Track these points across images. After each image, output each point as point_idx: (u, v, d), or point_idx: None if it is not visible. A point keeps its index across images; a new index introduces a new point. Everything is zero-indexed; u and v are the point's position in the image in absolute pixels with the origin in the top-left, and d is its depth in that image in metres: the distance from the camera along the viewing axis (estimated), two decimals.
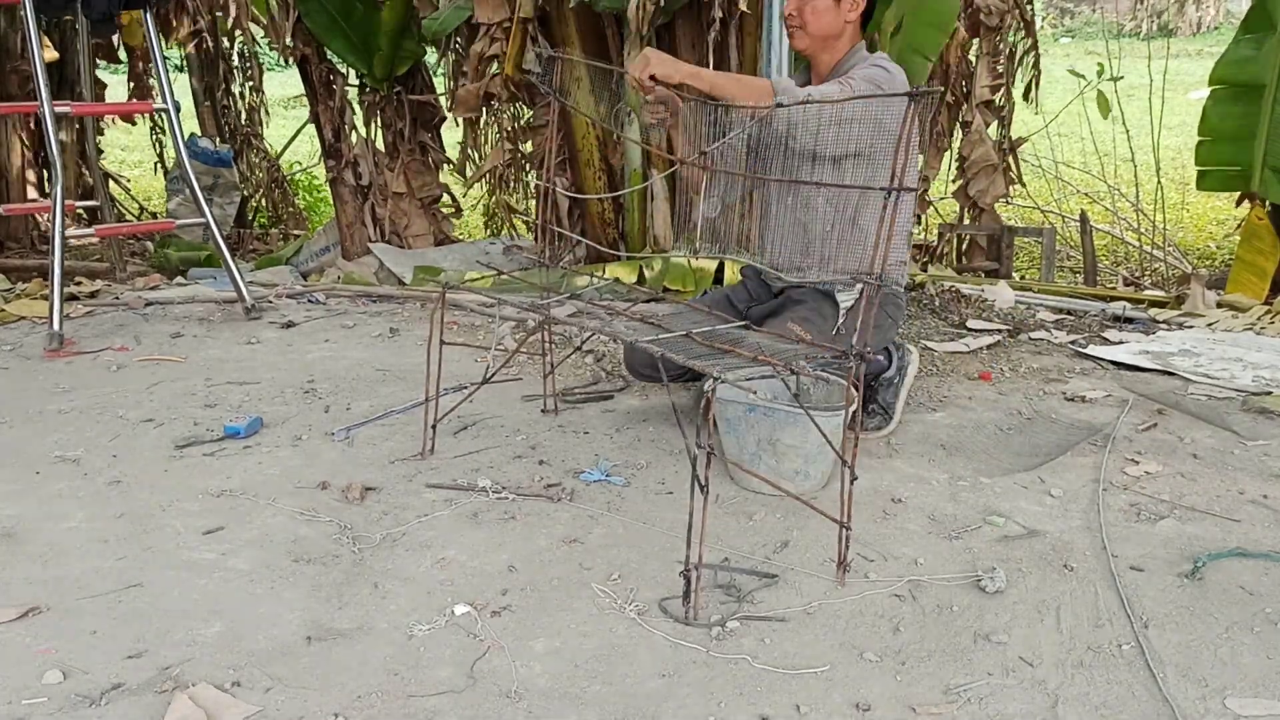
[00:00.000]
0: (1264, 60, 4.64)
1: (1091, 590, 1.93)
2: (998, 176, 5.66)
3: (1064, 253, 7.28)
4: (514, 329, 3.80)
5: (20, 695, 1.60)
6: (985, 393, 3.11)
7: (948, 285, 4.40)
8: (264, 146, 8.55)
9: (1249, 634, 1.78)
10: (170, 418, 2.87)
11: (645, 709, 1.57)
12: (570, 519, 2.22)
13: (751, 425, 2.34)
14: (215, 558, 2.05)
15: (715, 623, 1.80)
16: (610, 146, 4.91)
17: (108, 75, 8.43)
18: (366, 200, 5.86)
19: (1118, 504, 2.32)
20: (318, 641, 1.75)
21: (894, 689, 1.63)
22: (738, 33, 4.47)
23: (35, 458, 2.59)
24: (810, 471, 2.35)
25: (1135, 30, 17.28)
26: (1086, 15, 23.33)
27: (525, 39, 4.60)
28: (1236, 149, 4.80)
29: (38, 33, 3.77)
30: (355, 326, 3.95)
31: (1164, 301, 4.34)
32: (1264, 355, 3.47)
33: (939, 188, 6.99)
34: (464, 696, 1.60)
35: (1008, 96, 5.67)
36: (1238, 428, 2.79)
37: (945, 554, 2.08)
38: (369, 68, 5.61)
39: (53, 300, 3.61)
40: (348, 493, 2.34)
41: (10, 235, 6.66)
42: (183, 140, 4.32)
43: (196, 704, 1.55)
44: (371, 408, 2.95)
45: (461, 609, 1.85)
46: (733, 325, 2.37)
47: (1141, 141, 8.31)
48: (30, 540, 2.13)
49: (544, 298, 2.60)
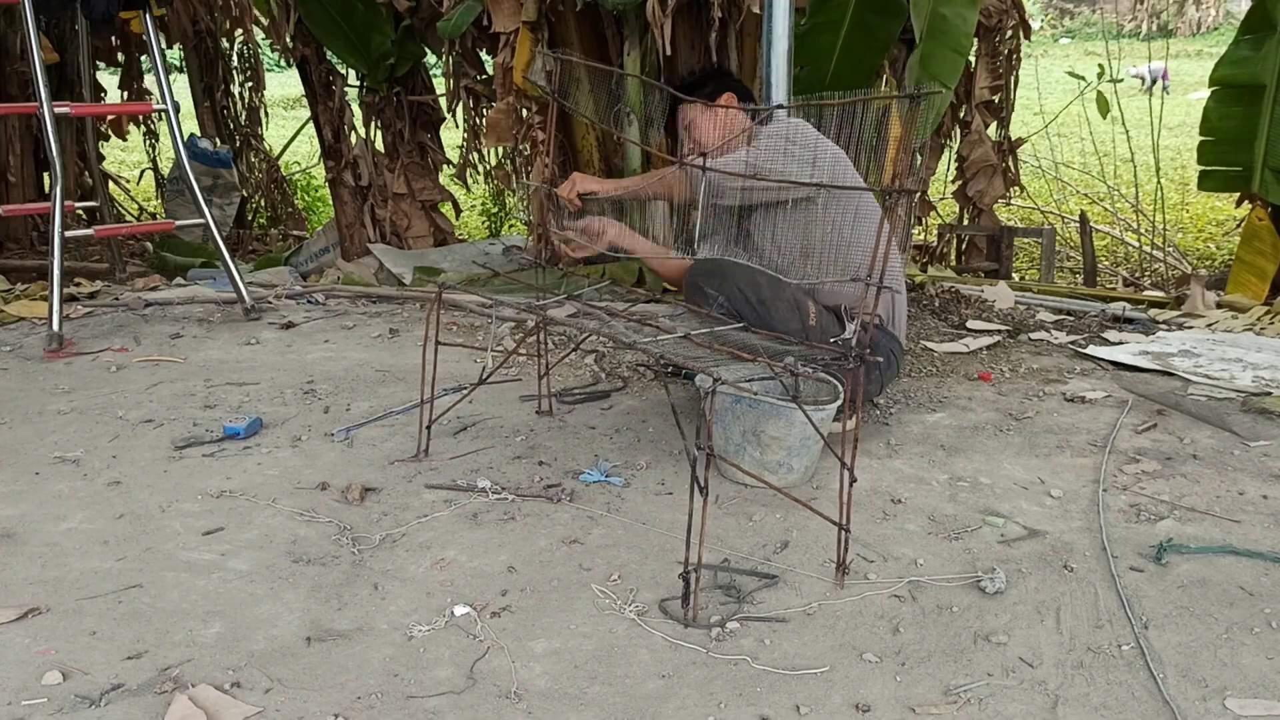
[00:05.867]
0: (1264, 60, 4.64)
1: (1091, 591, 1.93)
2: (997, 177, 5.66)
3: (1064, 253, 7.29)
4: (513, 329, 3.80)
5: (20, 696, 1.59)
6: (985, 393, 3.11)
7: (947, 286, 4.40)
8: (264, 147, 8.55)
9: (1249, 634, 1.78)
10: (170, 418, 2.87)
11: (645, 709, 1.57)
12: (570, 519, 2.22)
13: (737, 416, 2.36)
14: (215, 558, 2.05)
15: (715, 623, 1.80)
16: (610, 147, 4.91)
17: (108, 76, 8.41)
18: (366, 201, 5.86)
19: (1118, 504, 2.32)
20: (317, 642, 1.75)
21: (894, 689, 1.63)
22: (737, 33, 4.47)
23: (35, 458, 2.59)
24: (793, 464, 2.37)
25: (1135, 30, 17.28)
26: (1086, 15, 23.33)
27: (533, 46, 4.58)
28: (1237, 149, 4.80)
29: (37, 33, 3.77)
30: (355, 327, 3.95)
31: (1164, 302, 4.34)
32: (1264, 356, 3.47)
33: (938, 188, 7.00)
34: (464, 697, 1.60)
35: (1007, 97, 5.67)
36: (1238, 428, 2.79)
37: (945, 554, 2.08)
38: (369, 68, 5.61)
39: (52, 301, 3.61)
40: (347, 493, 2.34)
41: (10, 236, 6.66)
42: (182, 140, 4.32)
43: (197, 704, 1.55)
44: (371, 408, 2.95)
45: (461, 610, 1.85)
46: (732, 327, 2.37)
47: (1141, 142, 8.31)
48: (30, 540, 2.13)
49: (541, 298, 2.60)
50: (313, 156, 9.63)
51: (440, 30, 4.92)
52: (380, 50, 5.50)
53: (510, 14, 4.53)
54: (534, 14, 4.49)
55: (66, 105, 3.98)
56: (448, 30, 4.83)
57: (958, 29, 4.38)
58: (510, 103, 4.67)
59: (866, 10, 4.24)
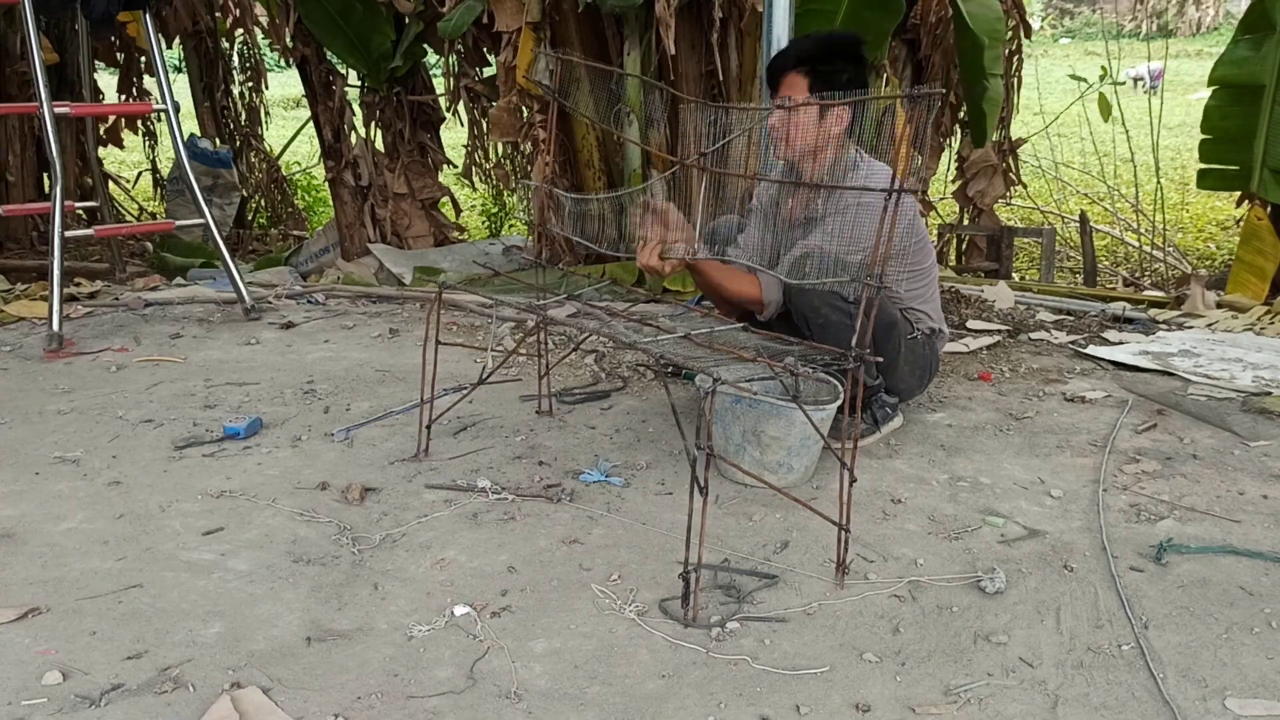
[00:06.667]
0: (1263, 60, 4.64)
1: (1091, 590, 1.93)
2: (997, 177, 5.67)
3: (1064, 253, 7.29)
4: (513, 329, 3.80)
5: (20, 696, 1.60)
6: (985, 393, 3.11)
7: (947, 286, 4.40)
8: (264, 147, 8.55)
9: (1249, 634, 1.78)
10: (170, 418, 2.87)
11: (645, 709, 1.57)
12: (570, 519, 2.22)
13: (737, 416, 2.36)
14: (215, 558, 2.05)
15: (715, 623, 1.80)
16: (610, 147, 4.91)
17: (107, 77, 8.42)
18: (366, 201, 5.86)
19: (1118, 504, 2.32)
20: (317, 642, 1.75)
21: (894, 689, 1.63)
22: (738, 33, 4.47)
23: (35, 458, 2.59)
24: (793, 464, 2.37)
25: (1135, 31, 17.29)
26: (1086, 16, 23.35)
27: (536, 45, 4.58)
28: (1236, 149, 4.80)
29: (37, 33, 3.77)
30: (355, 327, 3.95)
31: (1164, 302, 4.34)
32: (1264, 356, 3.47)
33: (939, 188, 7.00)
34: (464, 697, 1.60)
35: (1008, 97, 5.67)
36: (1238, 428, 2.79)
37: (945, 554, 2.08)
38: (369, 68, 5.61)
39: (52, 301, 3.61)
40: (347, 493, 2.34)
41: (10, 236, 6.66)
42: (182, 140, 4.32)
43: (236, 708, 1.55)
44: (371, 408, 2.95)
45: (461, 610, 1.85)
46: (731, 327, 2.37)
47: (1141, 142, 8.31)
48: (30, 540, 2.13)
49: (541, 298, 2.60)
50: (313, 156, 9.63)
51: (441, 30, 4.92)
52: (380, 50, 5.49)
53: (513, 13, 4.53)
54: (537, 14, 4.49)
55: (66, 105, 3.98)
56: (448, 30, 4.83)
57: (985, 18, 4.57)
58: (513, 100, 4.68)
59: (860, 5, 4.23)
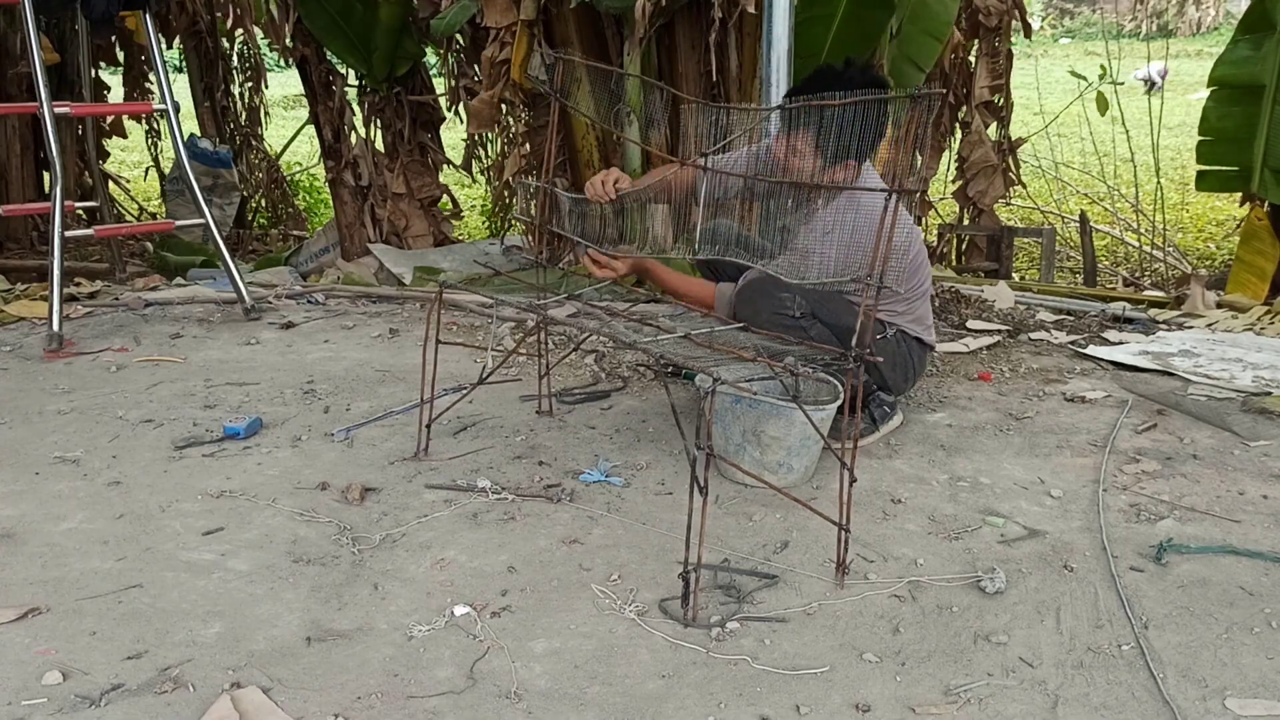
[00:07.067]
0: (1263, 60, 4.64)
1: (1091, 590, 1.93)
2: (997, 177, 5.66)
3: (1064, 253, 7.28)
4: (513, 329, 3.80)
5: (20, 696, 1.60)
6: (985, 393, 3.11)
7: (947, 286, 4.40)
8: (264, 147, 8.55)
9: (1249, 634, 1.78)
10: (170, 418, 2.87)
11: (645, 709, 1.57)
12: (570, 519, 2.22)
13: (737, 416, 2.36)
14: (215, 558, 2.05)
15: (715, 623, 1.80)
16: (610, 147, 4.91)
17: (111, 75, 8.41)
18: (366, 201, 5.86)
19: (1118, 504, 2.32)
20: (317, 642, 1.75)
21: (894, 689, 1.63)
22: (737, 33, 4.47)
23: (35, 458, 2.59)
24: (793, 464, 2.37)
25: (1135, 30, 17.28)
26: (1086, 15, 23.35)
27: (530, 43, 4.59)
28: (1236, 149, 4.80)
29: (37, 33, 3.77)
30: (355, 327, 3.95)
31: (1164, 302, 4.34)
32: (1264, 356, 3.47)
33: (939, 188, 7.00)
34: (464, 697, 1.60)
35: (1007, 97, 5.67)
36: (1238, 428, 2.79)
37: (945, 554, 2.08)
38: (369, 68, 5.61)
39: (52, 301, 3.61)
40: (347, 493, 2.34)
41: (10, 236, 6.66)
42: (182, 140, 4.32)
43: (236, 708, 1.55)
44: (371, 408, 2.95)
45: (461, 610, 1.85)
46: (731, 327, 2.37)
47: (1141, 142, 8.31)
48: (30, 540, 2.13)
49: (541, 298, 2.60)
50: (313, 156, 9.63)
51: (433, 28, 4.93)
52: (379, 49, 5.50)
53: (503, 10, 4.54)
54: (532, 12, 4.49)
55: (66, 105, 3.98)
56: (441, 28, 4.84)
57: (938, 16, 4.51)
58: (493, 94, 4.70)
59: (859, 4, 4.25)
